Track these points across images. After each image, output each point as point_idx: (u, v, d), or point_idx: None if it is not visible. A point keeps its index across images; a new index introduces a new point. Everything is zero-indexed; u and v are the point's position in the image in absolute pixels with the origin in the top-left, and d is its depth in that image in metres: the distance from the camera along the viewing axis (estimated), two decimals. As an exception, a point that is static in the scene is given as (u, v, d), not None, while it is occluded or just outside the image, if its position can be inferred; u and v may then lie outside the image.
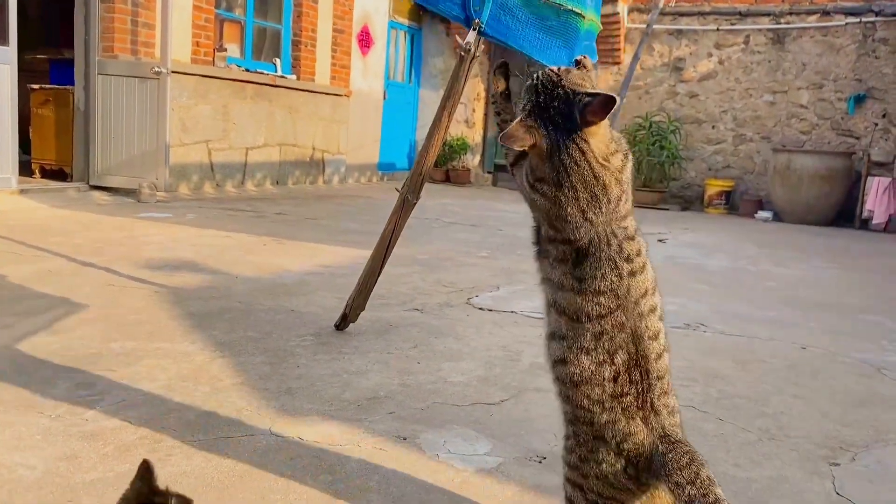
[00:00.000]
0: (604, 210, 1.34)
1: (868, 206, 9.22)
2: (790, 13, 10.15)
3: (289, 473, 1.81)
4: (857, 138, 9.93)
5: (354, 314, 3.05)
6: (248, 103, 8.33)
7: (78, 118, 7.12)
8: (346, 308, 3.05)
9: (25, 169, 6.78)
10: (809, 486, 1.98)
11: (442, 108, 2.81)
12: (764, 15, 10.30)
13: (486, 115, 12.34)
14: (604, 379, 1.33)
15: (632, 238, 1.37)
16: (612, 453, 1.35)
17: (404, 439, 2.07)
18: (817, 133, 10.17)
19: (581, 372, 1.35)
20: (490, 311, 3.68)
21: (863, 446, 2.27)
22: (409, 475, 1.85)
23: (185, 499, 1.11)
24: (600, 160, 1.33)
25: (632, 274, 1.35)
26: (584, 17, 2.57)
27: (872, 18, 9.71)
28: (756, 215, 9.91)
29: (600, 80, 11.33)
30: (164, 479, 1.70)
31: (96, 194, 6.89)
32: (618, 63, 11.11)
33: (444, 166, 11.97)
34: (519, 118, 1.36)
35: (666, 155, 10.34)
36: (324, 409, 2.26)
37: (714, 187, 10.42)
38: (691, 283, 4.81)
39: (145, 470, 1.12)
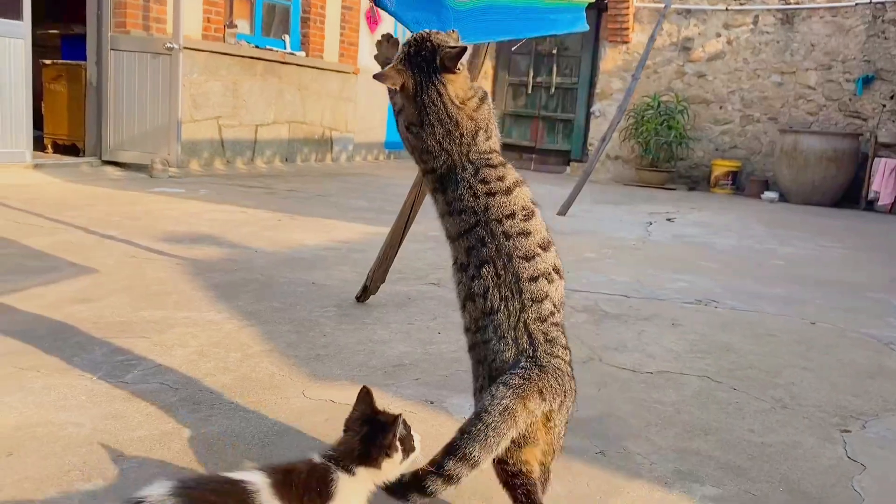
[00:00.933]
0: (457, 142, 1.56)
1: (874, 187, 9.25)
2: (800, -7, 10.12)
3: (325, 432, 1.89)
4: (865, 120, 9.94)
5: (375, 286, 3.12)
6: (258, 80, 8.35)
7: (90, 93, 7.16)
8: (367, 280, 3.12)
9: (38, 144, 6.83)
10: (822, 451, 2.06)
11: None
12: (773, -5, 10.27)
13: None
14: (476, 294, 1.47)
15: (492, 167, 1.56)
16: (487, 377, 1.45)
17: (431, 403, 2.15)
18: (824, 114, 10.18)
19: (462, 288, 1.52)
20: (505, 285, 3.74)
21: (872, 415, 2.35)
22: (440, 434, 1.92)
23: (398, 417, 1.31)
24: (455, 102, 1.57)
25: (489, 194, 1.52)
26: None
27: (882, 0, 9.68)
28: (762, 196, 9.94)
29: (608, 59, 11.32)
30: (208, 437, 1.79)
31: (109, 169, 6.95)
32: (626, 42, 11.09)
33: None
34: (393, 63, 1.61)
35: (673, 135, 10.36)
36: (352, 374, 2.33)
37: (721, 168, 10.44)
38: (700, 261, 4.87)
39: (365, 394, 1.34)
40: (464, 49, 1.55)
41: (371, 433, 1.28)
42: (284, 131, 8.91)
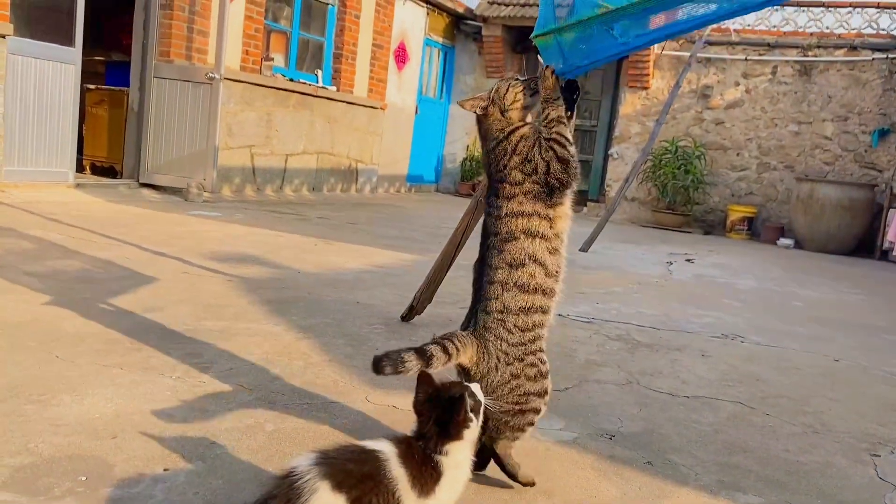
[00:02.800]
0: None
1: (889, 237, 9.39)
2: (818, 46, 10.40)
3: (392, 432, 2.04)
4: (880, 171, 10.14)
5: (422, 306, 3.28)
6: (291, 111, 8.63)
7: (131, 118, 7.43)
8: (414, 300, 3.28)
9: (77, 165, 7.07)
10: (854, 471, 2.19)
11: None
12: (792, 47, 10.55)
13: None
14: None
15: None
16: None
17: (487, 413, 2.30)
18: (840, 164, 10.38)
19: None
20: (539, 313, 3.90)
21: (899, 443, 2.48)
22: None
23: (463, 393, 1.45)
24: None
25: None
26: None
27: (899, 55, 9.94)
28: (778, 242, 10.10)
29: (628, 104, 11.59)
30: (288, 432, 1.95)
31: (146, 191, 7.18)
32: (646, 88, 11.36)
33: (472, 180, 12.23)
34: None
35: (691, 179, 10.56)
36: (409, 384, 2.47)
37: (737, 213, 10.62)
38: (723, 300, 5.02)
39: (425, 377, 1.48)
40: None
41: (443, 413, 1.40)
42: (313, 161, 9.17)
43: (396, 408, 2.25)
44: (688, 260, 7.12)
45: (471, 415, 1.43)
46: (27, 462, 1.65)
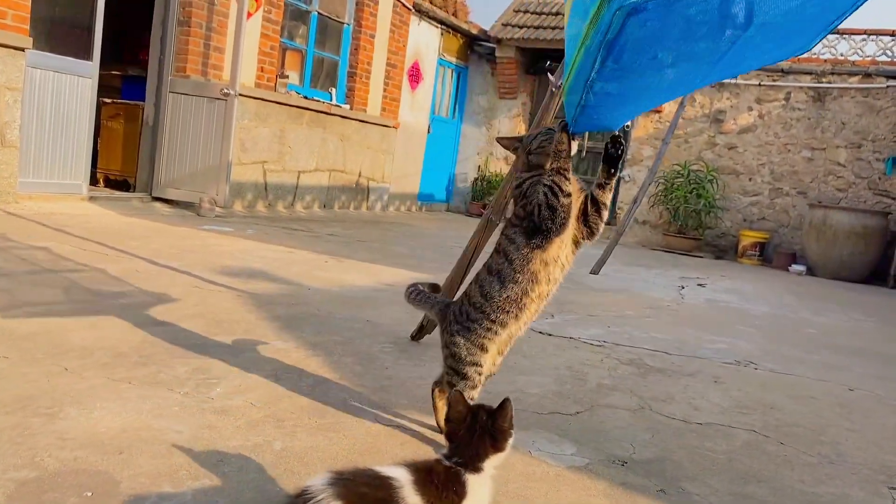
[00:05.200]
0: None
1: (903, 265, 9.31)
2: (832, 73, 10.38)
3: (401, 454, 2.01)
4: (894, 199, 10.07)
5: (432, 325, 3.25)
6: (304, 129, 8.67)
7: (146, 132, 7.48)
8: (424, 320, 3.26)
9: (90, 178, 7.11)
10: (871, 503, 2.14)
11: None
12: (806, 73, 10.54)
13: (525, 154, 12.60)
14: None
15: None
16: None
17: (497, 436, 2.26)
18: (853, 191, 10.33)
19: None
20: (550, 335, 3.87)
21: (918, 476, 2.43)
22: (509, 465, 2.04)
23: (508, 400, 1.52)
24: None
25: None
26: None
27: (913, 83, 9.91)
28: (790, 268, 10.03)
29: (640, 127, 11.60)
30: (296, 450, 1.92)
31: (158, 205, 7.21)
32: (658, 111, 11.37)
33: (482, 200, 12.23)
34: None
35: (702, 203, 10.52)
36: (418, 405, 2.46)
37: (748, 238, 10.56)
38: (736, 325, 4.97)
39: (458, 396, 1.53)
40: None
41: (483, 428, 1.43)
42: (325, 178, 9.19)
43: (405, 427, 2.22)
44: (700, 284, 7.07)
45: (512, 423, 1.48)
46: (32, 476, 1.64)
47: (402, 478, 1.31)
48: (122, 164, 7.65)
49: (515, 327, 2.10)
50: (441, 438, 2.14)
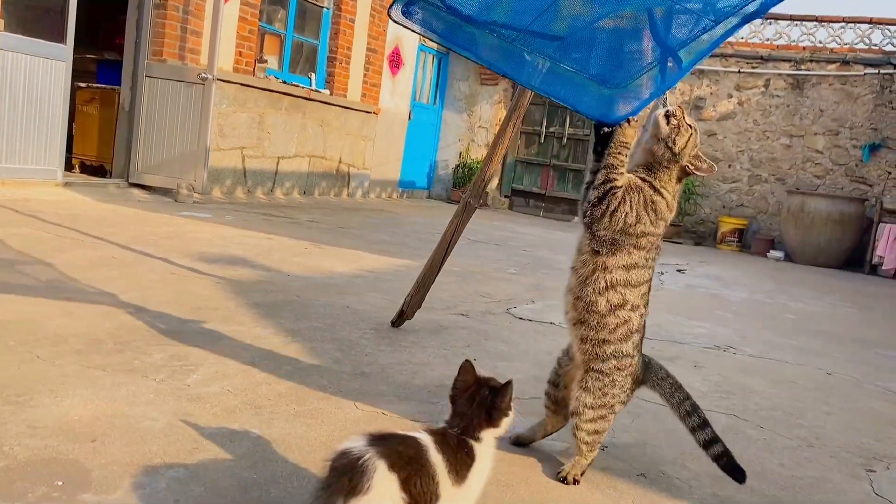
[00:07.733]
0: None
1: (879, 251, 9.42)
2: (810, 60, 10.44)
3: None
4: (870, 185, 10.18)
5: (412, 311, 3.23)
6: (283, 114, 8.57)
7: (122, 117, 7.36)
8: (404, 305, 3.23)
9: (66, 163, 6.99)
10: (850, 486, 2.16)
11: (507, 119, 3.02)
12: (785, 60, 10.59)
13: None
14: None
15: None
16: None
17: (478, 421, 2.25)
18: (831, 178, 10.42)
19: None
20: (530, 321, 3.87)
21: (895, 459, 2.45)
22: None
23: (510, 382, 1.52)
24: None
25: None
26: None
27: (891, 70, 9.99)
28: (768, 254, 10.11)
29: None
30: (274, 437, 1.89)
31: (135, 191, 7.10)
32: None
33: (463, 187, 12.20)
34: None
35: (682, 190, 10.56)
36: (398, 392, 2.44)
37: (727, 224, 10.63)
38: (715, 311, 4.99)
39: (469, 365, 1.54)
40: None
41: (483, 401, 1.47)
42: (305, 165, 9.11)
43: (385, 414, 2.20)
44: (679, 270, 7.10)
45: (511, 404, 1.51)
46: (1, 465, 1.60)
47: (425, 438, 1.39)
48: (98, 150, 7.52)
49: None
50: (424, 424, 2.12)
